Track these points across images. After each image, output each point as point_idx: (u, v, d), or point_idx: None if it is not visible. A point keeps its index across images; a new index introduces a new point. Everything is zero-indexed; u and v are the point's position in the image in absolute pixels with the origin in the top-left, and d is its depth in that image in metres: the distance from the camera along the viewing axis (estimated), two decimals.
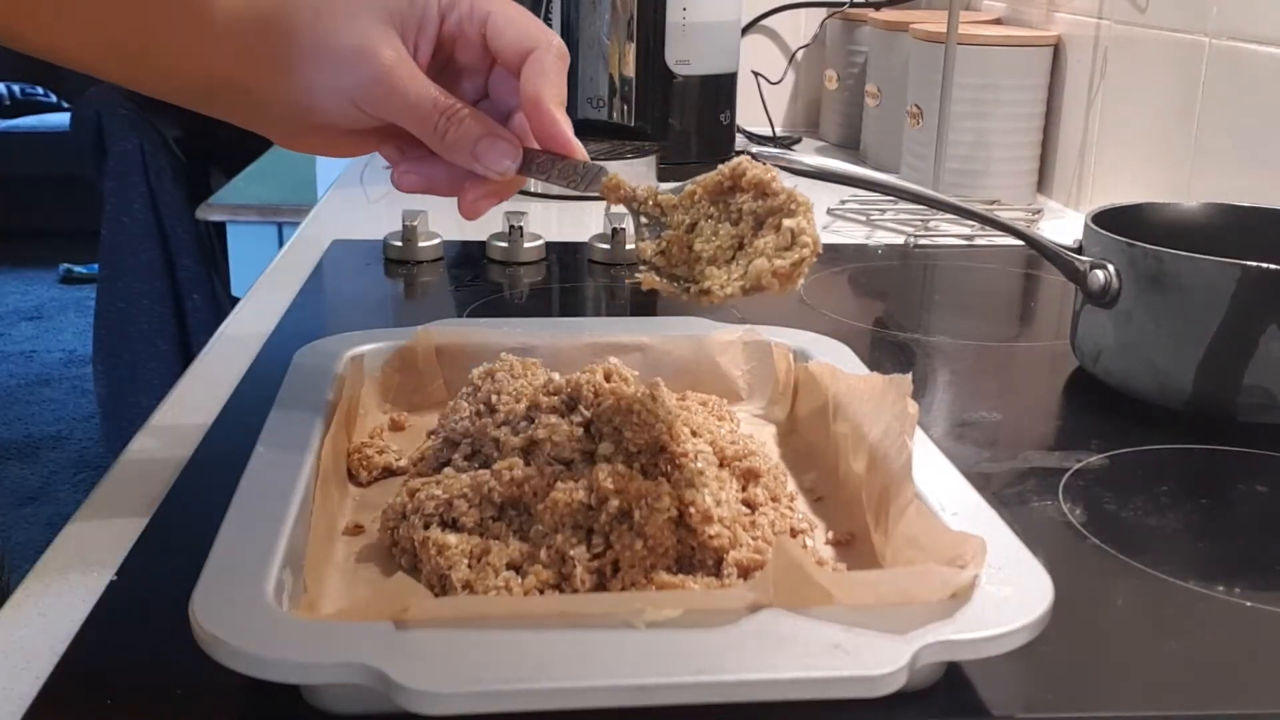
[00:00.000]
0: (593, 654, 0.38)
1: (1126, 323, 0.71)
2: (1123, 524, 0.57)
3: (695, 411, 0.58)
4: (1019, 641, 0.40)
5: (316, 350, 0.64)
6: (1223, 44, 1.02)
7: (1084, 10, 1.25)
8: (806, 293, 0.95)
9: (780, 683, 0.38)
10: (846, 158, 1.53)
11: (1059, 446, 0.66)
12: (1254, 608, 0.50)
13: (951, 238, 1.12)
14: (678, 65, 1.36)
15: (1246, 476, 0.64)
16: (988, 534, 0.44)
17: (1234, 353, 0.67)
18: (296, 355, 0.63)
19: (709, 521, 0.46)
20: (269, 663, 0.38)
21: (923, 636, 0.39)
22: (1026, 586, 0.42)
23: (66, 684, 0.43)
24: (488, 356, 0.60)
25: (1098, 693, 0.44)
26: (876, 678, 0.38)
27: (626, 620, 0.40)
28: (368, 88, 0.51)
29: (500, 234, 1.01)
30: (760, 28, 1.68)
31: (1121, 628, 0.49)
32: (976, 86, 1.26)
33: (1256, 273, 0.66)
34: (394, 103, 0.52)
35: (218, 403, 0.68)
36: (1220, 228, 0.78)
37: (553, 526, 0.47)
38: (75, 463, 2.85)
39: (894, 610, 0.41)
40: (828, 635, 0.40)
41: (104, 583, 0.49)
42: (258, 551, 0.44)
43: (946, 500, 0.49)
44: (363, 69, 0.51)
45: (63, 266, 4.23)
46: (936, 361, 0.81)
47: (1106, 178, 1.22)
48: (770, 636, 0.40)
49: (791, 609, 0.41)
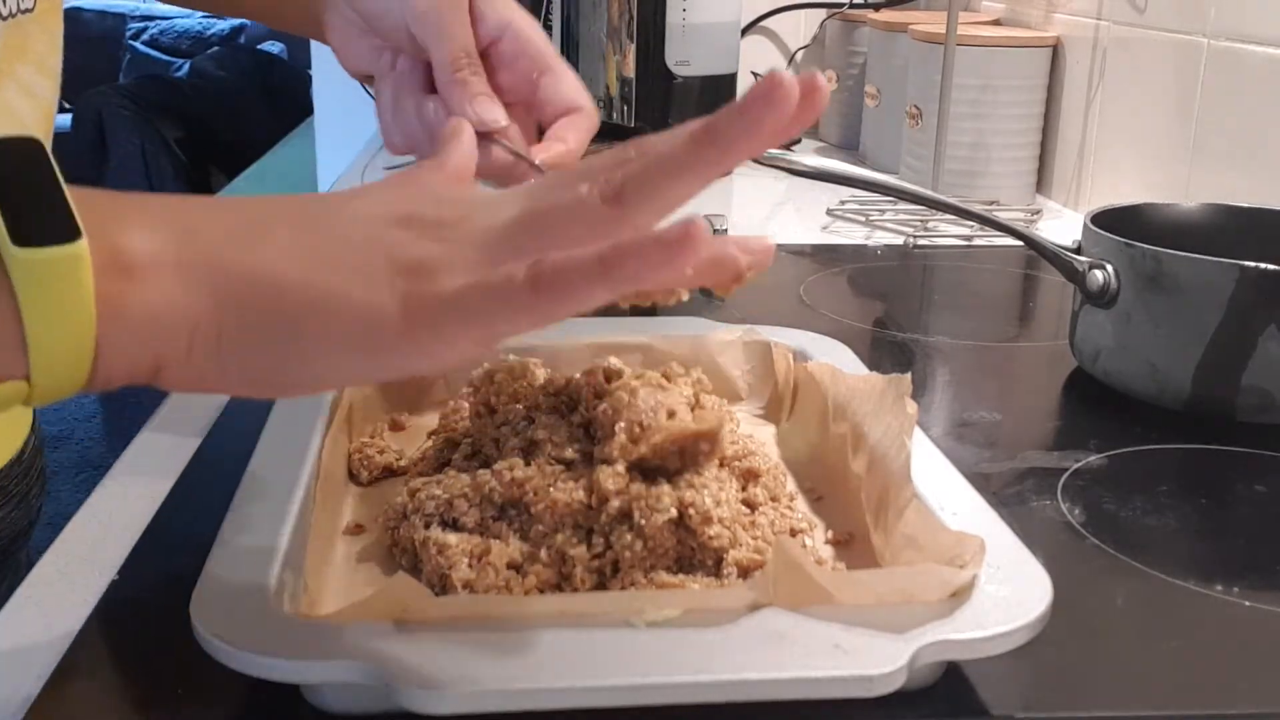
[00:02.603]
0: (593, 653, 0.39)
1: (1125, 323, 0.71)
2: (1122, 524, 0.57)
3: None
4: (1018, 641, 0.40)
5: None
6: (1221, 45, 1.02)
7: (1083, 11, 1.25)
8: (806, 293, 0.95)
9: (779, 682, 0.38)
10: (846, 158, 1.53)
11: (1058, 446, 0.66)
12: (1253, 607, 0.50)
13: (951, 238, 1.13)
14: (678, 66, 1.36)
15: (1245, 476, 0.64)
16: (987, 534, 0.44)
17: (1233, 353, 0.67)
18: None
19: (709, 523, 0.46)
20: (269, 663, 0.38)
21: (922, 636, 0.40)
22: (1025, 586, 0.42)
23: (68, 684, 0.43)
24: (488, 357, 0.60)
25: (1097, 693, 0.44)
26: (875, 677, 0.38)
27: (627, 620, 0.40)
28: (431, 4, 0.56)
29: None
30: (760, 28, 1.68)
31: (1120, 628, 0.49)
32: (975, 87, 1.26)
33: (1255, 273, 0.66)
34: (441, 28, 0.56)
35: (219, 404, 0.68)
36: (1219, 228, 0.78)
37: (553, 526, 0.47)
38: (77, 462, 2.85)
39: (893, 610, 0.41)
40: (827, 635, 0.40)
41: (105, 582, 0.49)
42: (258, 551, 0.44)
43: (946, 500, 0.49)
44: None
45: None
46: (936, 362, 0.81)
47: (1105, 178, 1.22)
48: (770, 636, 0.40)
49: (791, 608, 0.41)
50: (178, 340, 0.34)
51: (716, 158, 0.35)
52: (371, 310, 0.34)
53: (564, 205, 0.36)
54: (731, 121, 0.34)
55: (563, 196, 0.36)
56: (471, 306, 0.34)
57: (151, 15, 4.89)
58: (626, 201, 0.35)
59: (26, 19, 0.56)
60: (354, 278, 0.35)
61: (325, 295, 0.34)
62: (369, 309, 0.34)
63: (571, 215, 0.35)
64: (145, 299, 0.34)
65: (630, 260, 0.32)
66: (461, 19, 0.57)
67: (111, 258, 0.33)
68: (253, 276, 0.35)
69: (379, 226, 0.36)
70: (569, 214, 0.35)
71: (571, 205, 0.35)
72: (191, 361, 0.35)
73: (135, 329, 0.34)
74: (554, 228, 0.36)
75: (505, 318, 0.34)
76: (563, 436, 0.51)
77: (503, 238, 0.36)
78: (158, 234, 0.35)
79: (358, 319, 0.34)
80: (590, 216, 0.35)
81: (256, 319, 0.35)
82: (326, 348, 0.35)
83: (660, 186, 0.35)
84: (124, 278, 0.34)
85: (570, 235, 0.35)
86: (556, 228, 0.35)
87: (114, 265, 0.33)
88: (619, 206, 0.35)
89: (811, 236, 1.15)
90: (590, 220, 0.35)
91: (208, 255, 0.35)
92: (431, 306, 0.34)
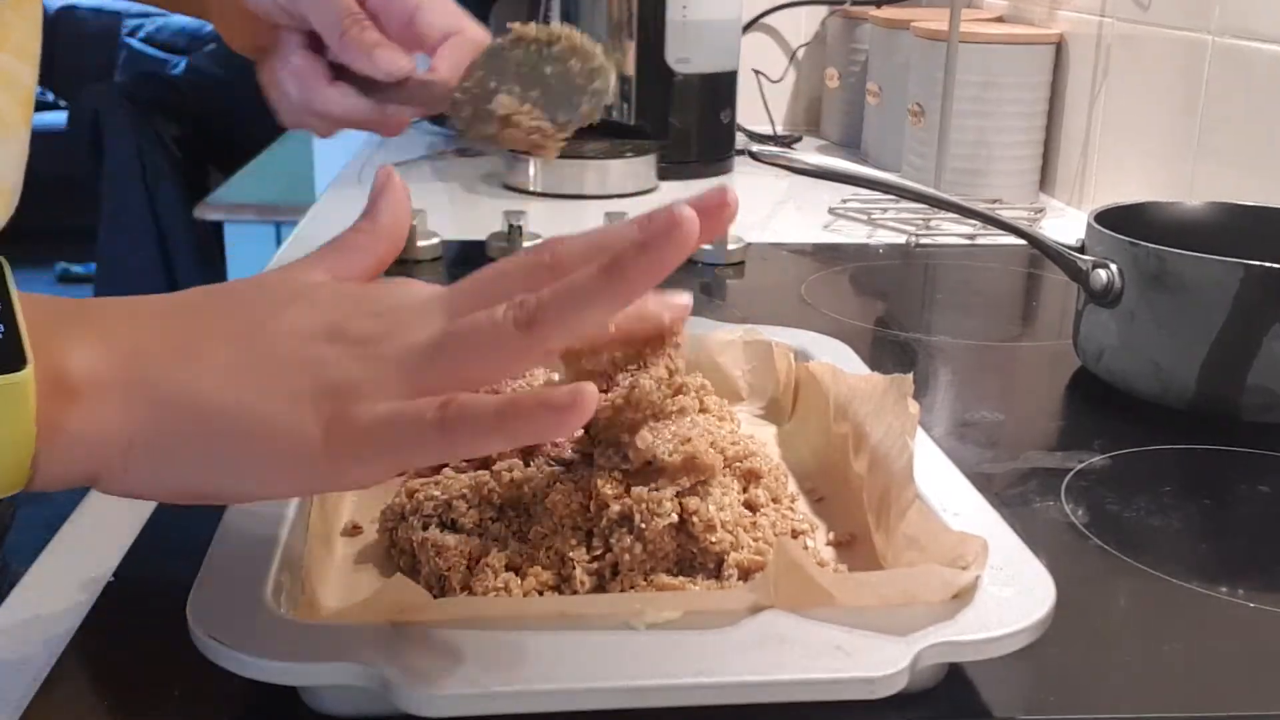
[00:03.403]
0: (593, 655, 0.38)
1: (1129, 322, 0.71)
2: (1125, 525, 0.57)
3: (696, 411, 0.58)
4: (1022, 643, 0.40)
5: None
6: (1226, 42, 1.01)
7: (1086, 8, 1.25)
8: (807, 292, 0.95)
9: (781, 684, 0.38)
10: (847, 156, 1.53)
11: (1061, 447, 0.66)
12: (1257, 609, 0.50)
13: (953, 237, 1.12)
14: (678, 63, 1.35)
15: (1249, 477, 0.64)
16: (989, 535, 0.44)
17: (1237, 352, 0.67)
18: None
19: (711, 529, 0.46)
20: (267, 665, 0.38)
21: (924, 638, 0.39)
22: (1029, 587, 0.42)
23: (64, 685, 0.43)
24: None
25: (1100, 695, 0.44)
26: (877, 679, 0.38)
27: (626, 622, 0.40)
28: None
29: (499, 233, 1.01)
30: (761, 26, 1.68)
31: (1123, 629, 0.49)
32: (978, 85, 1.26)
33: (1260, 272, 0.66)
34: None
35: None
36: (1223, 227, 0.78)
37: (552, 528, 0.47)
38: None
39: (895, 611, 0.41)
40: (829, 636, 0.39)
41: (102, 584, 0.49)
42: (256, 552, 0.43)
43: (948, 501, 0.48)
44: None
45: (60, 266, 4.22)
46: (938, 361, 0.81)
47: (1109, 176, 1.22)
48: (771, 638, 0.40)
49: (792, 610, 0.41)
50: (113, 457, 0.37)
51: (624, 292, 0.38)
52: (296, 436, 0.37)
53: (480, 329, 0.37)
54: (636, 259, 0.37)
55: (480, 320, 0.38)
56: (386, 439, 0.36)
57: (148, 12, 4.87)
58: (537, 331, 0.37)
59: (2, 6, 0.56)
60: (281, 402, 0.37)
61: (254, 420, 0.37)
62: (294, 435, 0.37)
63: (487, 341, 0.37)
64: (84, 419, 0.36)
65: (523, 423, 0.35)
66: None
67: (55, 381, 0.36)
68: (187, 399, 0.37)
69: (308, 344, 0.38)
70: (484, 339, 0.37)
71: (487, 330, 0.37)
72: (127, 474, 0.37)
73: (73, 446, 0.36)
74: (470, 351, 0.37)
75: (416, 452, 0.37)
76: (562, 437, 0.50)
77: (422, 361, 0.38)
78: (100, 356, 0.37)
79: (283, 443, 0.37)
80: (505, 343, 0.37)
81: (189, 440, 0.37)
82: (255, 467, 0.37)
83: (569, 318, 0.37)
84: (65, 399, 0.36)
85: (486, 361, 0.38)
86: (472, 352, 0.37)
87: (57, 388, 0.36)
88: (531, 334, 0.37)
89: (813, 235, 1.15)
90: (504, 347, 0.37)
91: (146, 375, 0.37)
92: (351, 435, 0.36)
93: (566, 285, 0.37)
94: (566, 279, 0.38)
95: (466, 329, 0.38)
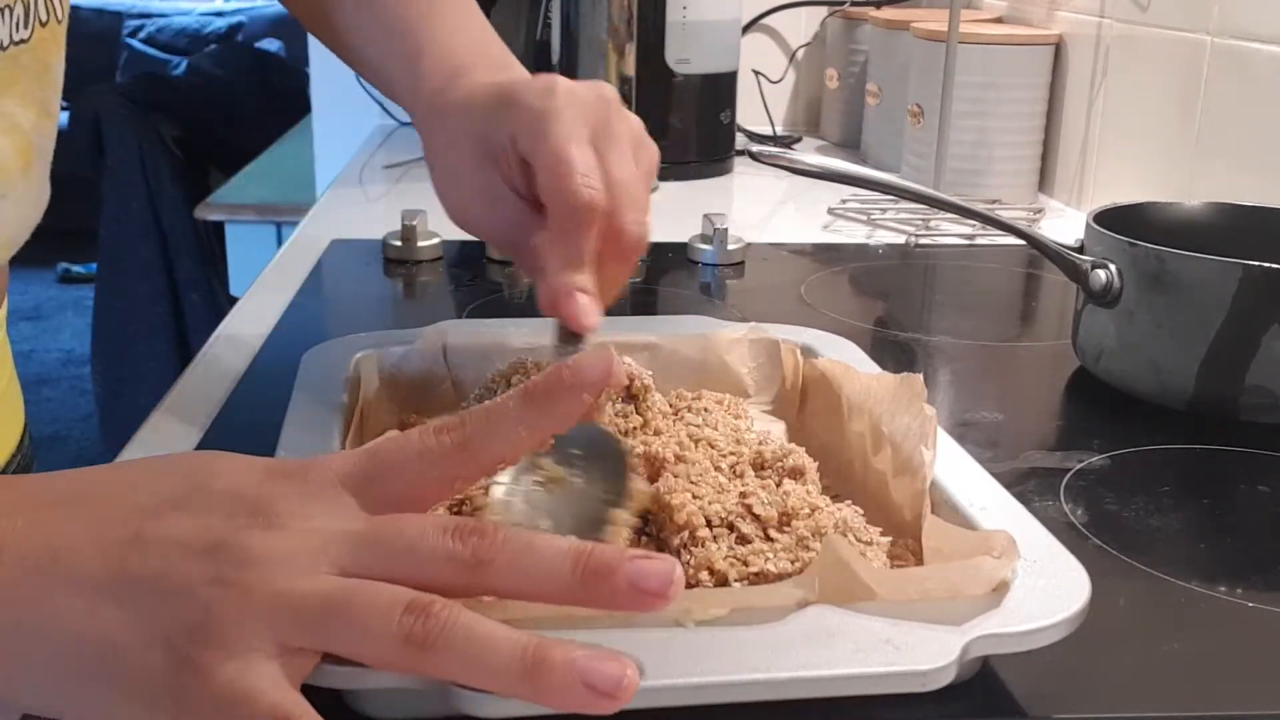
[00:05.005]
0: (644, 653, 0.38)
1: (1128, 322, 0.71)
2: (1124, 524, 0.57)
3: (711, 410, 0.58)
4: (1063, 633, 0.40)
5: (324, 353, 0.63)
6: (1224, 43, 1.02)
7: (1085, 9, 1.25)
8: (807, 292, 0.95)
9: (835, 679, 0.38)
10: (847, 157, 1.53)
11: (1060, 447, 0.66)
12: (1256, 608, 0.50)
13: (953, 237, 1.12)
14: (678, 64, 1.35)
15: (1249, 477, 0.64)
16: (1017, 528, 0.44)
17: (1236, 352, 0.67)
18: (305, 358, 0.62)
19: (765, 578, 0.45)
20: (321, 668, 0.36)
21: (971, 630, 0.39)
22: (1062, 578, 0.42)
23: None
24: (496, 357, 0.60)
25: (1099, 694, 0.44)
26: (929, 672, 0.38)
27: (676, 620, 0.40)
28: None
29: None
30: (760, 26, 1.68)
31: (1123, 629, 0.49)
32: (978, 85, 1.26)
33: (1258, 272, 0.66)
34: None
35: (216, 403, 0.68)
36: (1222, 227, 0.78)
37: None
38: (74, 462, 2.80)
39: (939, 605, 0.41)
40: (877, 630, 0.39)
41: None
42: None
43: (974, 496, 0.48)
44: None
45: (61, 266, 4.23)
46: (937, 361, 0.81)
47: (1108, 177, 1.22)
48: (820, 633, 0.39)
49: (836, 605, 0.41)
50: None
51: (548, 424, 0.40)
52: (145, 678, 0.34)
53: (367, 623, 0.35)
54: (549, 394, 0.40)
55: (364, 592, 0.35)
56: (225, 712, 0.34)
57: (148, 13, 4.88)
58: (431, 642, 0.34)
59: (20, 50, 0.55)
60: (136, 636, 0.34)
61: (108, 654, 0.35)
62: (140, 674, 0.34)
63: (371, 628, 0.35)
64: None
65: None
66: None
67: None
68: (49, 631, 0.35)
69: (182, 561, 0.35)
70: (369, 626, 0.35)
71: (376, 626, 0.35)
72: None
73: None
74: (352, 611, 0.35)
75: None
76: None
77: (298, 614, 0.35)
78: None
79: (134, 684, 0.35)
80: (388, 649, 0.35)
81: (49, 674, 0.35)
82: (113, 700, 0.35)
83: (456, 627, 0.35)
84: None
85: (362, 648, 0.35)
86: (354, 612, 0.35)
87: None
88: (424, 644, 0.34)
89: (813, 235, 1.15)
90: (386, 651, 0.35)
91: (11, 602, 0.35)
92: (199, 692, 0.34)
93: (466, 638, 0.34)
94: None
95: (349, 595, 0.35)
